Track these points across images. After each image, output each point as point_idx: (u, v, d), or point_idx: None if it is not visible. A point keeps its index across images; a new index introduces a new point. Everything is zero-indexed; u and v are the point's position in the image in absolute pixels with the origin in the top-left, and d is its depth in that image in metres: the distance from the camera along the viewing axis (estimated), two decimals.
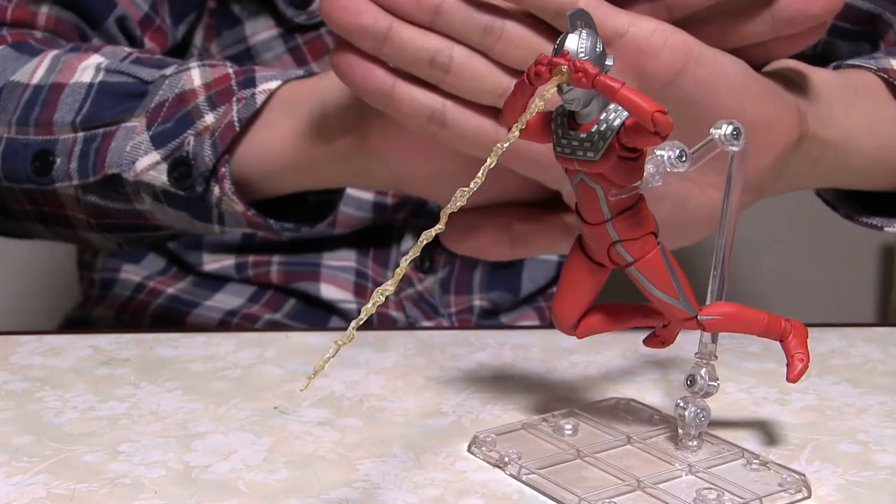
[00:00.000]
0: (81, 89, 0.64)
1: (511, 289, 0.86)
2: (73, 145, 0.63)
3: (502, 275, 0.86)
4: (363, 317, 0.38)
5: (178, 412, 0.52)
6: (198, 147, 0.60)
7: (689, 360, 0.48)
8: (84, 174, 0.63)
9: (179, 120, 0.61)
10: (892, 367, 0.59)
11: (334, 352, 0.38)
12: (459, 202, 0.38)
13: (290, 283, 0.82)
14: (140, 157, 0.61)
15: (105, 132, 0.63)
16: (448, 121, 0.53)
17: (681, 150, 0.44)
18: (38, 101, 0.65)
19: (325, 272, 0.82)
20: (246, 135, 0.61)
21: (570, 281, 0.46)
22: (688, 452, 0.48)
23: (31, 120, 0.65)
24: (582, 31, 0.41)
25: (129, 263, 0.86)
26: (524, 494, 0.45)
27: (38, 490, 0.45)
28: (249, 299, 0.83)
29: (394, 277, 0.38)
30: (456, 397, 0.54)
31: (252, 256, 0.82)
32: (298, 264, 0.82)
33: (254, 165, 0.61)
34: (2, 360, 0.59)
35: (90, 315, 0.86)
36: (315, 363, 0.40)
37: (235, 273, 0.82)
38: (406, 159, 0.58)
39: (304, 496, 0.44)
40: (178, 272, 0.85)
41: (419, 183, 0.60)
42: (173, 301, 0.83)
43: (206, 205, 0.62)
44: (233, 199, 0.61)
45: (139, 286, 0.85)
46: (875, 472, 0.47)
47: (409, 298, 0.82)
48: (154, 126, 0.61)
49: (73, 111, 0.64)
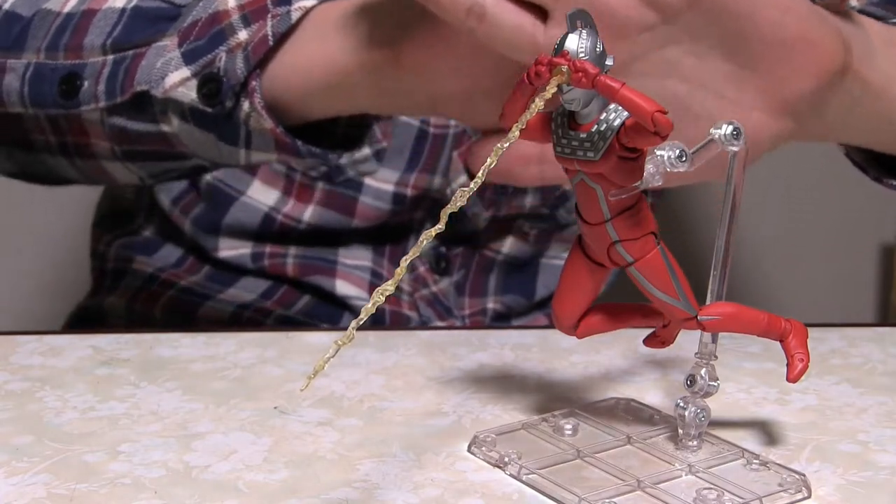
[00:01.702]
0: (114, 14, 0.63)
1: (525, 293, 0.86)
2: (101, 68, 0.62)
3: (517, 279, 0.86)
4: (363, 317, 0.38)
5: (178, 412, 0.52)
6: (229, 62, 0.59)
7: (689, 360, 0.48)
8: (112, 95, 0.62)
9: (212, 37, 0.60)
10: (892, 367, 0.59)
11: (334, 351, 0.38)
12: (459, 202, 0.38)
13: (305, 276, 0.82)
14: (170, 73, 0.60)
15: (135, 53, 0.61)
16: (488, 14, 0.51)
17: (681, 150, 0.44)
18: (69, 27, 0.64)
19: (340, 269, 0.82)
20: (278, 52, 0.60)
21: (570, 281, 0.46)
22: (688, 452, 0.48)
23: (61, 45, 0.63)
24: (582, 30, 0.41)
25: (142, 255, 0.86)
26: (524, 494, 0.45)
27: (38, 490, 0.45)
28: (262, 295, 0.82)
29: (394, 277, 0.38)
30: (456, 397, 0.54)
31: (269, 246, 0.82)
32: (315, 258, 0.82)
33: (285, 84, 0.60)
34: (2, 360, 0.59)
35: (102, 304, 0.86)
36: (315, 363, 0.41)
37: (251, 262, 0.82)
38: (442, 74, 0.56)
39: (304, 496, 0.44)
40: (192, 264, 0.85)
41: (454, 103, 0.58)
42: (185, 293, 0.83)
43: (233, 123, 0.61)
44: (262, 113, 0.59)
45: (151, 277, 0.85)
46: (875, 472, 0.47)
47: (423, 299, 0.82)
48: (186, 43, 0.60)
49: (103, 34, 0.63)
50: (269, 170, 0.81)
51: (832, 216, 1.61)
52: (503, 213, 0.82)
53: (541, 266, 0.87)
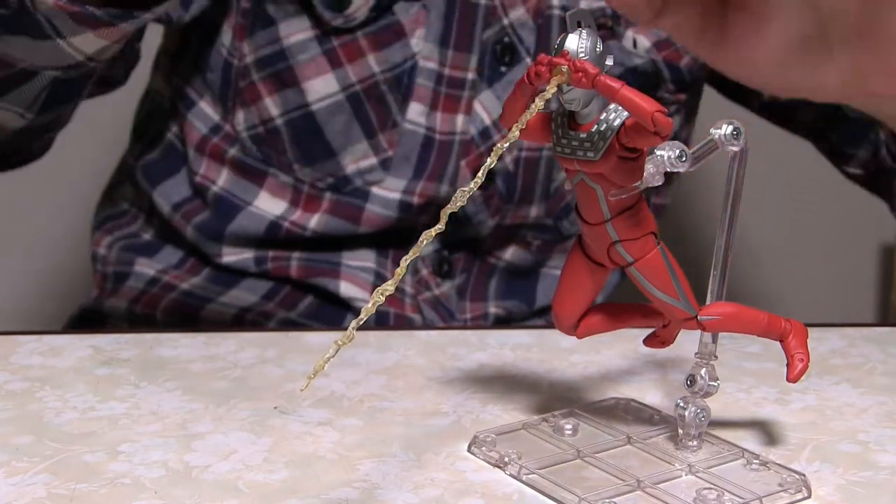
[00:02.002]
0: None
1: (526, 300, 0.87)
2: None
3: (518, 285, 0.86)
4: (363, 317, 0.38)
5: (178, 412, 0.52)
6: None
7: (689, 360, 0.48)
8: None
9: None
10: (892, 367, 0.59)
11: (334, 352, 0.38)
12: (459, 202, 0.38)
13: (308, 277, 0.82)
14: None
15: None
16: None
17: (681, 150, 0.44)
18: None
19: (344, 270, 0.82)
20: None
21: (571, 281, 0.46)
22: (688, 452, 0.48)
23: None
24: (582, 30, 0.41)
25: (144, 257, 0.86)
26: (524, 494, 0.45)
27: (38, 490, 0.45)
28: (265, 296, 0.82)
29: (394, 277, 0.38)
30: (456, 397, 0.54)
31: (272, 251, 0.82)
32: (319, 261, 0.82)
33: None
34: (2, 360, 0.59)
35: (102, 306, 0.86)
36: (315, 363, 0.40)
37: (254, 266, 0.82)
38: None
39: (304, 496, 0.44)
40: (194, 265, 0.84)
41: None
42: (187, 296, 0.83)
43: (31, 16, 0.62)
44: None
45: (153, 280, 0.85)
46: (875, 472, 0.47)
47: (426, 301, 0.82)
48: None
49: None
50: (276, 182, 0.81)
51: (832, 216, 1.61)
52: (508, 221, 0.83)
53: (541, 275, 0.87)
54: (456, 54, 0.78)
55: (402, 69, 0.77)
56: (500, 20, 0.78)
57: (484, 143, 0.79)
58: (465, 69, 0.78)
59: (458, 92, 0.78)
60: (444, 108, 0.78)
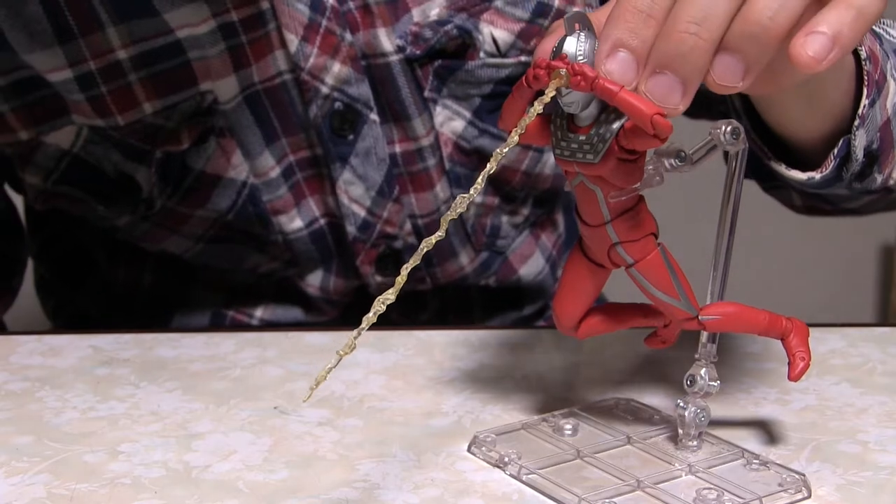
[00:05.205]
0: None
1: None
2: None
3: None
4: (364, 326, 0.38)
5: (178, 412, 0.52)
6: None
7: (689, 360, 0.48)
8: None
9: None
10: (892, 367, 0.59)
11: (336, 361, 0.38)
12: (459, 208, 0.38)
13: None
14: None
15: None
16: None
17: (680, 151, 0.44)
18: None
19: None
20: None
21: (571, 282, 0.46)
22: (688, 452, 0.48)
23: None
24: (580, 33, 0.41)
25: None
26: (524, 494, 0.45)
27: (38, 490, 0.45)
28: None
29: (395, 286, 0.38)
30: (456, 397, 0.54)
31: (232, 311, 0.77)
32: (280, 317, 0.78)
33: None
34: (2, 360, 0.59)
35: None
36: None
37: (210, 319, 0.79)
38: None
39: (304, 496, 0.45)
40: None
41: None
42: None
43: None
44: None
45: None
46: (875, 472, 0.47)
47: None
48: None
49: None
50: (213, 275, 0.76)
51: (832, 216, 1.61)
52: (444, 280, 0.76)
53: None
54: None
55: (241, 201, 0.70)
56: (318, 90, 0.67)
57: (369, 236, 0.72)
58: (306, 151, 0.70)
59: (317, 176, 0.71)
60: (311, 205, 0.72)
